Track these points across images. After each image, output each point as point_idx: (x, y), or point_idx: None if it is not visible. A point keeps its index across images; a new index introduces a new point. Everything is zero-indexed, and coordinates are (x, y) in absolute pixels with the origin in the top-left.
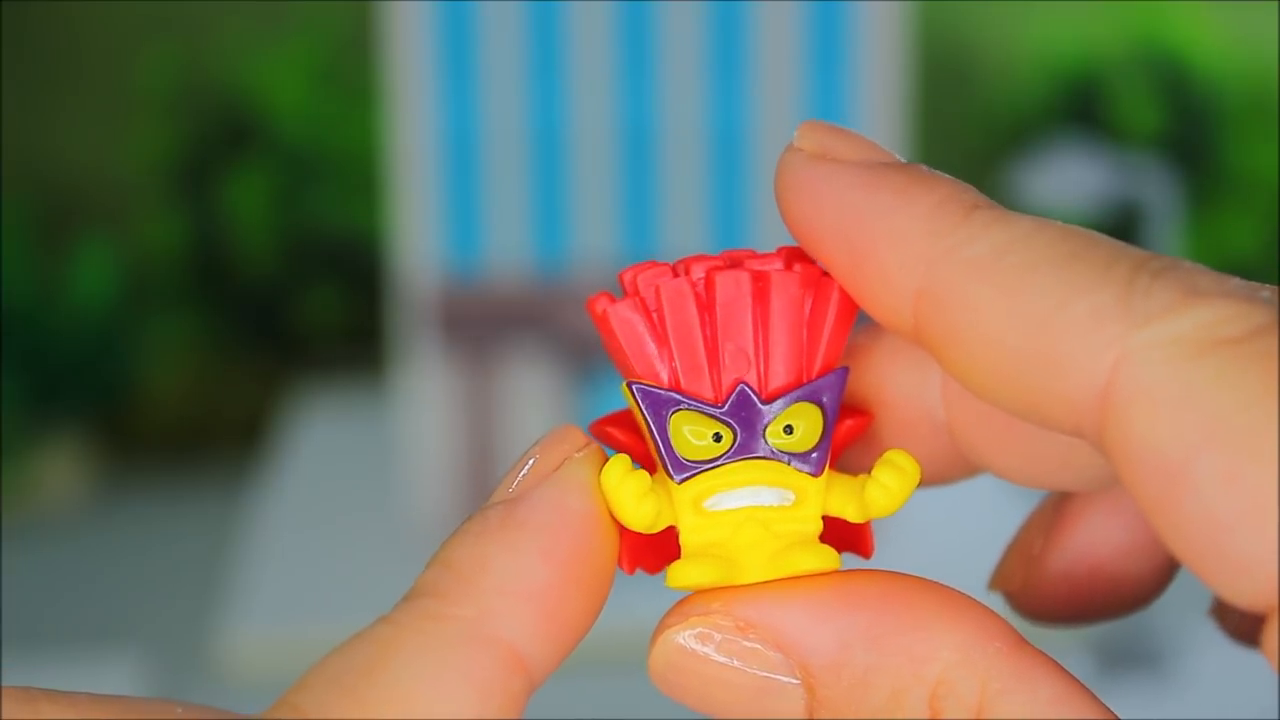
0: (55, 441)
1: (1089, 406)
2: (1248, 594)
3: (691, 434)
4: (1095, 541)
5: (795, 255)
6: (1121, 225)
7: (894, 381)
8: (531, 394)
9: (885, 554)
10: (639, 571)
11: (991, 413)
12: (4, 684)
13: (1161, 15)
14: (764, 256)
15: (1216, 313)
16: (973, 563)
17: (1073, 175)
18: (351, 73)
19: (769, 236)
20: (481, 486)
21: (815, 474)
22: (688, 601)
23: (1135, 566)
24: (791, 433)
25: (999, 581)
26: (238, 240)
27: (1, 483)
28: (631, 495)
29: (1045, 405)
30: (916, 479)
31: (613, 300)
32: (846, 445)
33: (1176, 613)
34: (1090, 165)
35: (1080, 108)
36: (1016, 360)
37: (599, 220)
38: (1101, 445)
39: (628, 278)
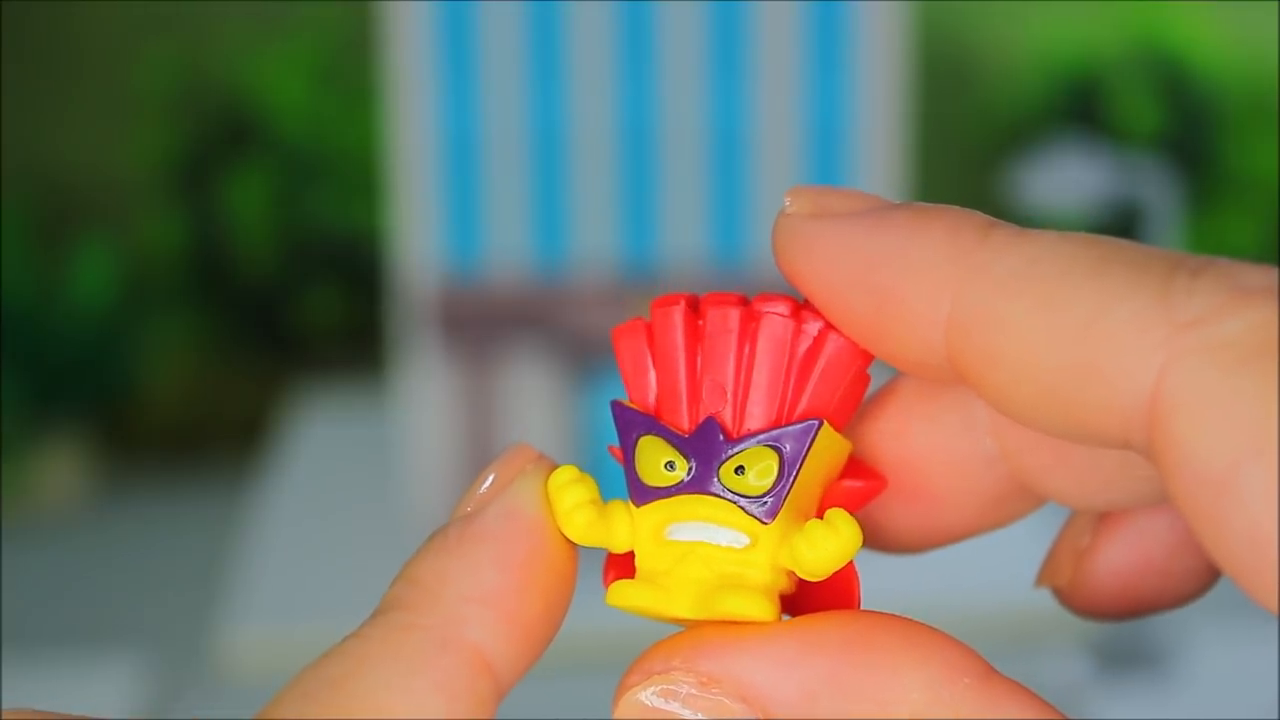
0: (55, 442)
1: (1138, 416)
2: None
3: (652, 459)
4: (1144, 536)
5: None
6: (1121, 225)
7: (938, 422)
8: (531, 394)
9: (891, 562)
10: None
11: (1042, 435)
12: (4, 685)
13: (1161, 15)
14: (783, 300)
15: (1263, 314)
16: (979, 567)
17: (1073, 175)
18: (351, 73)
19: (768, 237)
20: None
21: (764, 521)
22: (647, 658)
23: (1184, 561)
24: (742, 474)
25: (1046, 577)
26: (238, 240)
27: (1, 483)
28: (568, 504)
29: (1092, 419)
30: (850, 541)
31: (628, 323)
32: (853, 506)
33: (1177, 613)
34: (1090, 165)
35: (1080, 108)
36: (1059, 376)
37: (599, 220)
38: (1151, 454)
39: (653, 305)
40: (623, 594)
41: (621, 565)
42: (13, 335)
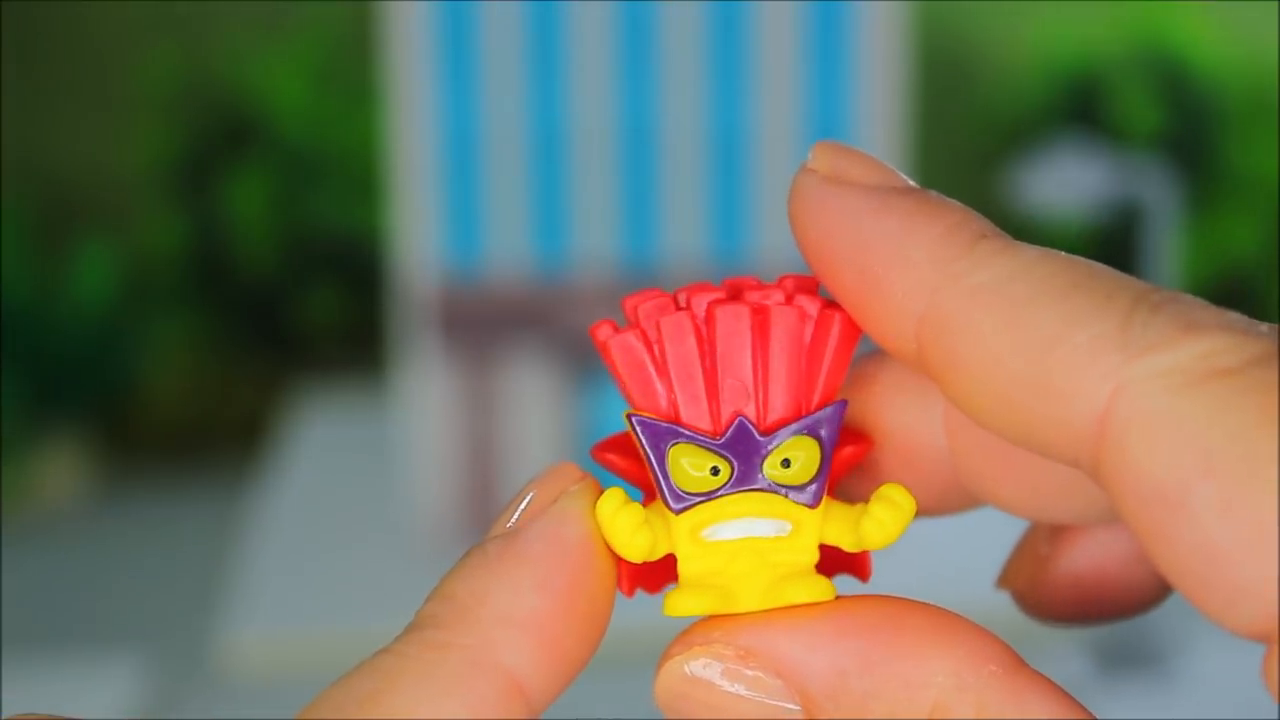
0: (55, 442)
1: (1086, 436)
2: (1246, 622)
3: (690, 466)
4: (1102, 544)
5: (798, 286)
6: (1121, 225)
7: (898, 411)
8: (531, 394)
9: (887, 563)
10: (639, 592)
11: (994, 443)
12: (4, 685)
13: (1161, 15)
14: (766, 287)
15: (1212, 344)
16: (974, 573)
17: (1073, 175)
18: (351, 73)
19: (769, 237)
20: (482, 487)
21: (812, 505)
22: (690, 631)
23: (1141, 570)
24: (789, 466)
25: (1006, 580)
26: (238, 240)
27: (1, 483)
28: (626, 528)
29: (1043, 433)
30: (911, 514)
31: (615, 330)
32: (846, 471)
33: (1176, 613)
34: (1090, 165)
35: (1080, 108)
36: (1016, 388)
37: (599, 220)
38: (1097, 475)
39: (629, 306)
40: (681, 604)
41: (637, 568)
42: (13, 335)
